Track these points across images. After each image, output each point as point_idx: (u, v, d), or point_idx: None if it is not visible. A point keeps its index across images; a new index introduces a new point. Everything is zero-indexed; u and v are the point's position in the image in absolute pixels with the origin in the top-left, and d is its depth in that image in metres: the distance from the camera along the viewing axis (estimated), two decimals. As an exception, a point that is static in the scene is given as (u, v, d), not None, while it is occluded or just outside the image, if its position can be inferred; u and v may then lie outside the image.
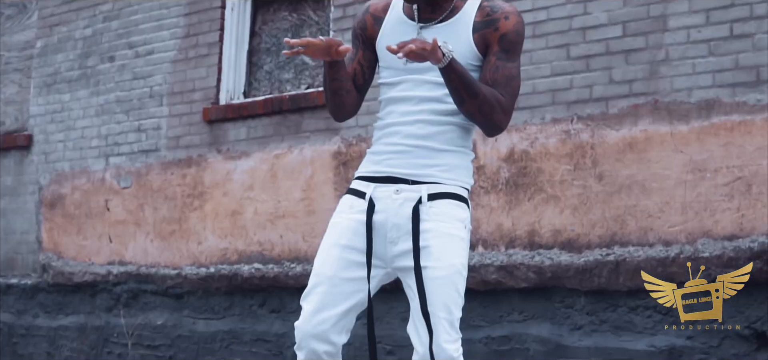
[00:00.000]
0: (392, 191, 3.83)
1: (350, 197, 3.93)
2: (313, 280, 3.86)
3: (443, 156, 3.85)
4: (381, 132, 3.94)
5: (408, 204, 3.81)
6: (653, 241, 6.12)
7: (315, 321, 3.80)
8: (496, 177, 6.75)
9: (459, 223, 3.85)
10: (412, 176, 3.83)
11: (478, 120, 3.82)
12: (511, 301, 6.70)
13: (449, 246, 3.80)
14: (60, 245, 9.62)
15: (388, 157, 3.88)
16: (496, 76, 3.82)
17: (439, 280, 3.75)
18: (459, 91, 3.73)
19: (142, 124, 9.07)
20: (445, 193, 3.83)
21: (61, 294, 9.62)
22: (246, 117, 8.24)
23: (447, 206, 3.83)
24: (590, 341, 6.34)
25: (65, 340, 9.46)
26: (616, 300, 6.30)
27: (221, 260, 8.23)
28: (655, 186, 6.14)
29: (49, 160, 9.86)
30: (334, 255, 3.85)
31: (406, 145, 3.85)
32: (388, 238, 3.83)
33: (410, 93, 3.87)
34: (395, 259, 3.84)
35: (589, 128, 6.43)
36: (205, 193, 8.44)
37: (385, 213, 3.82)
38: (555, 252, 6.46)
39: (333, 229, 3.91)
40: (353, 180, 3.98)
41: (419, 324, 3.77)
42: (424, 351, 3.76)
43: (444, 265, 3.76)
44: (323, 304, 3.81)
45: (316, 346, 3.80)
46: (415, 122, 3.85)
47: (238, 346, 8.05)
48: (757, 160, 5.83)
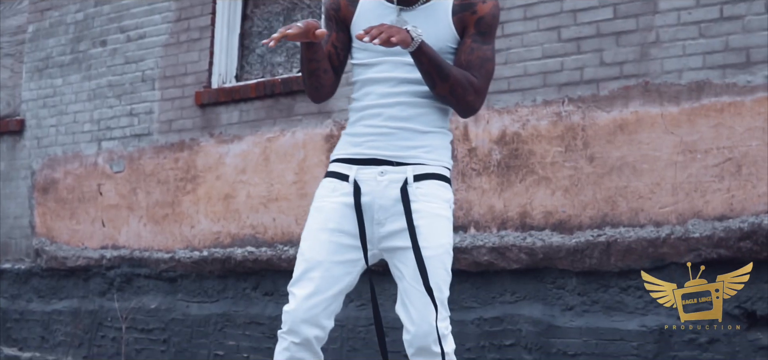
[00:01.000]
0: (376, 173, 3.85)
1: (332, 180, 3.93)
2: (303, 265, 3.86)
3: (426, 137, 3.88)
4: (359, 114, 3.94)
5: (394, 185, 3.83)
6: (644, 222, 6.15)
7: (307, 306, 3.81)
8: (487, 159, 6.77)
9: (445, 203, 3.88)
10: (397, 158, 3.85)
11: (450, 102, 3.86)
12: (503, 282, 6.73)
13: (437, 226, 3.83)
14: (53, 230, 9.63)
15: (369, 139, 3.89)
16: (471, 58, 3.87)
17: (430, 260, 3.77)
18: (431, 74, 3.77)
19: (134, 108, 9.08)
20: (429, 174, 3.86)
21: (54, 278, 9.63)
22: (238, 101, 8.25)
23: (432, 187, 3.86)
24: (582, 321, 6.38)
25: (59, 324, 9.48)
26: (608, 280, 6.33)
27: (214, 244, 8.25)
28: (645, 167, 6.17)
29: (42, 145, 9.86)
30: (323, 239, 3.86)
31: (389, 127, 3.87)
32: (375, 220, 3.85)
33: (389, 74, 3.88)
34: (382, 241, 3.86)
35: (580, 110, 6.46)
36: (197, 177, 8.45)
37: (371, 195, 3.84)
38: (546, 233, 6.48)
39: (318, 214, 3.91)
40: (331, 163, 3.98)
41: (409, 303, 3.80)
42: (415, 330, 3.78)
43: (434, 245, 3.79)
44: (316, 288, 3.82)
45: (307, 331, 3.81)
46: (395, 104, 3.86)
47: (232, 329, 8.07)
48: (747, 141, 5.86)
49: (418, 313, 3.77)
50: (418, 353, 3.80)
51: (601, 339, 6.29)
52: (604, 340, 6.27)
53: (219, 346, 8.19)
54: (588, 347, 6.33)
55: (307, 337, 3.81)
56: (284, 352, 3.85)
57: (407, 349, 3.83)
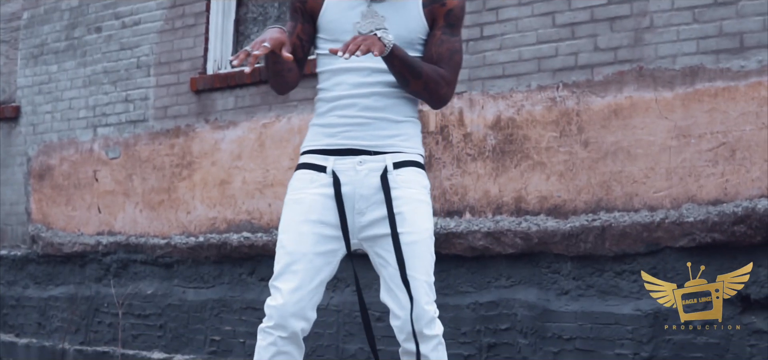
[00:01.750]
0: (355, 163, 3.87)
1: (308, 172, 3.94)
2: (286, 258, 3.86)
3: (400, 127, 3.93)
4: (331, 104, 3.94)
5: (373, 174, 3.86)
6: (638, 207, 6.17)
7: (294, 299, 3.82)
8: (482, 144, 6.79)
9: (424, 189, 3.95)
10: (375, 147, 3.89)
11: (424, 96, 3.93)
12: (499, 267, 6.75)
13: (420, 211, 3.89)
14: (49, 216, 9.64)
15: (345, 129, 3.90)
16: (441, 51, 3.93)
17: (415, 245, 3.84)
18: (403, 74, 3.82)
19: (129, 94, 9.09)
20: (407, 162, 3.92)
21: (50, 265, 9.65)
22: (233, 86, 8.26)
23: (411, 173, 3.92)
24: (577, 306, 6.41)
25: (55, 310, 9.50)
26: (602, 265, 6.36)
27: (210, 229, 8.27)
28: (640, 152, 6.19)
29: (37, 132, 9.87)
30: (305, 231, 3.87)
31: (365, 117, 3.89)
32: (356, 210, 3.88)
33: (360, 64, 3.88)
34: (364, 229, 3.89)
35: (574, 95, 6.48)
36: (193, 163, 8.47)
37: (351, 185, 3.86)
38: (541, 218, 6.51)
39: (297, 206, 3.91)
40: (303, 155, 4.00)
41: (397, 289, 3.83)
42: (406, 315, 3.81)
43: (418, 229, 3.85)
44: (301, 282, 3.83)
45: (295, 325, 3.83)
46: (370, 95, 3.89)
47: (228, 314, 8.10)
48: (741, 126, 5.89)
49: (407, 297, 3.81)
50: (409, 339, 3.83)
51: (595, 323, 6.32)
52: (599, 324, 6.30)
53: (215, 332, 8.22)
54: (583, 331, 6.36)
55: (295, 331, 3.83)
56: (270, 347, 3.85)
57: (398, 335, 3.86)
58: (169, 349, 8.53)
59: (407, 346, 3.86)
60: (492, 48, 6.87)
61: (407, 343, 3.85)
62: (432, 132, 7.01)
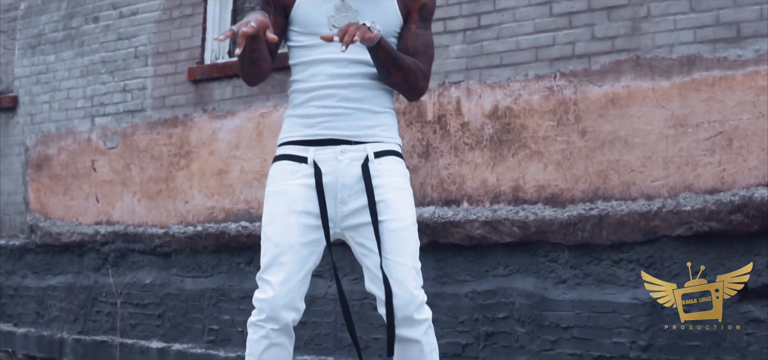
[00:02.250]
0: (337, 153, 3.90)
1: (289, 163, 3.96)
2: (274, 250, 3.88)
3: (379, 117, 3.97)
4: (308, 95, 3.96)
5: (355, 163, 3.89)
6: (636, 196, 6.19)
7: (284, 291, 3.85)
8: (480, 133, 6.80)
9: (405, 178, 4.00)
10: (355, 137, 3.92)
11: (402, 88, 3.98)
12: (496, 255, 6.77)
13: (403, 199, 3.94)
14: (47, 206, 9.65)
15: (325, 120, 3.93)
16: (417, 44, 3.99)
17: (401, 232, 3.89)
18: (387, 66, 3.87)
19: (127, 84, 9.09)
20: (388, 151, 3.97)
21: (49, 254, 9.66)
22: (231, 76, 8.27)
23: (392, 162, 3.96)
24: (574, 294, 6.43)
25: (54, 300, 9.51)
26: (600, 254, 6.38)
27: (208, 219, 8.28)
28: (637, 141, 6.21)
29: (35, 122, 9.87)
30: (292, 222, 3.89)
31: (345, 107, 3.92)
32: (339, 199, 3.90)
33: (336, 55, 3.91)
34: (346, 218, 3.92)
35: (571, 84, 6.49)
36: (191, 153, 8.47)
37: (333, 175, 3.89)
38: (539, 207, 6.52)
39: (281, 197, 3.93)
40: (281, 146, 4.02)
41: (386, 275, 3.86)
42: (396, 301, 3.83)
43: (402, 216, 3.90)
44: (290, 273, 3.86)
45: (286, 316, 3.86)
46: (349, 86, 3.92)
47: (226, 303, 8.11)
48: (738, 115, 5.90)
49: (397, 283, 3.84)
50: (402, 324, 3.85)
51: (593, 311, 6.34)
52: (597, 313, 6.32)
53: (214, 321, 8.23)
54: (580, 320, 6.38)
55: (287, 322, 3.86)
56: (263, 340, 3.87)
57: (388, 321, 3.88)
58: (168, 339, 8.54)
59: (403, 333, 3.87)
60: (489, 37, 6.88)
61: (400, 330, 3.87)
62: (429, 121, 7.02)
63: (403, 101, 7.12)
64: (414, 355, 3.90)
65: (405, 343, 3.89)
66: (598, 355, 6.30)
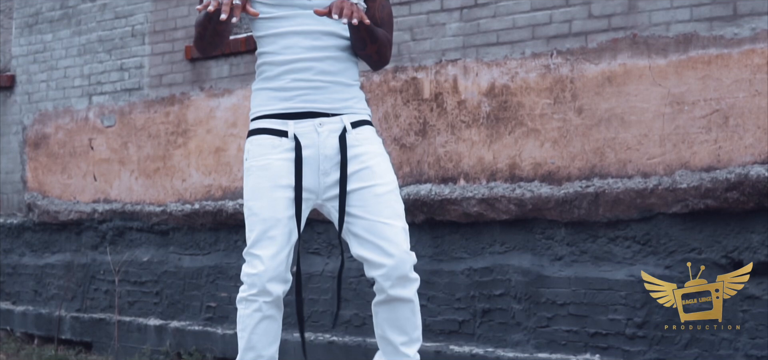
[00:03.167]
0: (315, 125, 3.95)
1: (269, 137, 3.99)
2: (262, 225, 3.92)
3: (352, 90, 4.07)
4: (283, 68, 3.99)
5: (333, 135, 3.97)
6: (632, 173, 6.21)
7: (274, 264, 3.90)
8: (477, 111, 6.82)
9: (382, 145, 4.10)
10: (333, 110, 3.99)
11: (373, 60, 4.09)
12: (493, 233, 6.79)
13: (384, 163, 4.05)
14: (45, 184, 9.66)
15: (303, 93, 3.97)
16: (383, 15, 4.09)
17: (388, 195, 3.99)
18: (365, 38, 3.96)
19: (124, 63, 9.10)
20: (363, 121, 4.06)
21: (46, 233, 9.68)
22: (228, 54, 8.27)
23: (369, 131, 4.07)
24: (570, 271, 6.45)
25: (52, 278, 9.54)
26: (596, 231, 6.40)
27: (206, 197, 8.30)
28: (633, 119, 6.22)
29: (33, 100, 9.88)
30: (278, 196, 3.93)
31: (322, 81, 3.97)
32: (321, 170, 3.95)
33: (309, 27, 3.97)
34: (329, 189, 3.97)
35: (568, 62, 6.50)
36: (188, 131, 8.49)
37: (313, 147, 3.94)
38: (535, 184, 6.54)
39: (265, 172, 3.96)
40: (258, 119, 4.04)
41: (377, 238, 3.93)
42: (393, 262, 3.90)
43: (387, 180, 4.01)
44: (280, 246, 3.91)
45: (276, 289, 3.91)
46: (325, 59, 3.97)
47: (224, 280, 8.14)
48: (734, 93, 5.91)
49: (391, 244, 3.91)
50: (397, 284, 3.92)
51: (589, 288, 6.36)
52: (593, 290, 6.35)
53: (211, 298, 8.26)
54: (576, 297, 6.40)
55: (278, 295, 3.91)
56: (256, 314, 3.93)
57: (383, 283, 3.94)
58: (165, 316, 8.57)
59: (395, 293, 3.93)
60: (486, 15, 6.88)
61: (395, 290, 3.93)
62: (426, 99, 7.04)
63: (400, 79, 7.13)
64: (406, 314, 4.00)
65: (398, 303, 3.97)
66: (594, 331, 6.33)
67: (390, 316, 3.99)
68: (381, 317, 4.03)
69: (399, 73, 7.17)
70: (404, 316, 3.99)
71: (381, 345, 4.09)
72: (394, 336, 4.03)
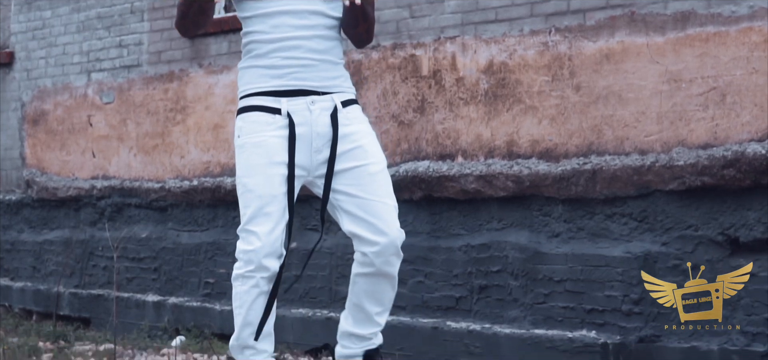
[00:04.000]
0: (307, 103, 3.98)
1: (263, 114, 4.02)
2: (258, 202, 3.95)
3: (339, 68, 4.12)
4: (273, 45, 4.03)
5: (325, 113, 4.01)
6: (629, 150, 6.22)
7: (271, 240, 3.93)
8: (475, 88, 6.83)
9: (370, 125, 4.18)
10: (323, 88, 4.04)
11: (361, 37, 4.18)
12: (490, 209, 6.81)
13: (375, 143, 4.12)
14: (43, 161, 9.68)
15: (294, 71, 4.01)
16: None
17: (381, 174, 4.07)
18: (358, 17, 4.02)
19: (123, 39, 9.10)
20: (351, 100, 4.13)
21: (45, 209, 9.70)
22: (227, 31, 8.28)
23: (357, 110, 4.14)
24: (567, 248, 6.47)
25: (50, 254, 9.56)
26: (593, 208, 6.41)
27: (204, 173, 8.31)
28: (631, 96, 6.23)
29: (31, 77, 9.89)
30: (273, 173, 3.96)
31: (312, 59, 4.01)
32: (314, 148, 3.99)
33: (296, 6, 4.01)
34: (321, 166, 4.01)
35: (566, 40, 6.51)
36: (187, 108, 8.50)
37: (306, 125, 3.98)
38: (533, 161, 6.55)
39: (260, 148, 3.99)
40: (250, 96, 4.06)
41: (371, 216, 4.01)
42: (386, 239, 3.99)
43: (379, 159, 4.08)
44: (276, 223, 3.95)
45: (272, 264, 3.94)
46: (313, 37, 4.01)
47: (222, 257, 8.16)
48: (732, 71, 5.92)
49: (385, 222, 4.00)
50: (387, 261, 4.03)
51: (586, 265, 6.38)
52: (590, 266, 6.37)
53: (209, 274, 8.28)
54: (573, 273, 6.42)
55: (274, 270, 3.95)
56: (253, 290, 3.96)
57: (374, 259, 4.01)
58: (164, 292, 8.59)
59: (386, 269, 4.01)
60: (485, -7, 6.90)
61: (385, 266, 3.99)
62: (424, 76, 7.05)
63: (398, 56, 7.14)
64: (386, 288, 4.13)
65: (383, 278, 4.09)
66: (591, 308, 6.35)
67: (371, 289, 4.09)
68: (361, 287, 4.11)
69: (397, 50, 7.18)
70: (384, 289, 4.11)
71: (353, 312, 4.18)
72: (370, 306, 4.14)
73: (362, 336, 4.19)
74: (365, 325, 4.17)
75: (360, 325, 4.17)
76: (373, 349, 4.22)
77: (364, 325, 4.17)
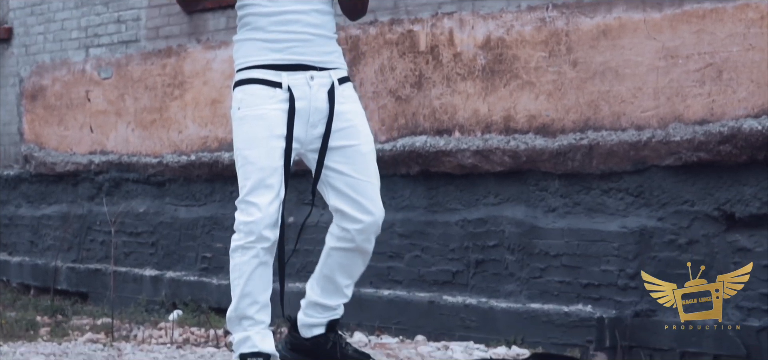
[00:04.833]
0: (307, 78, 4.00)
1: (264, 87, 4.02)
2: (260, 174, 3.96)
3: (333, 43, 4.12)
4: (272, 19, 4.02)
5: (323, 89, 4.02)
6: (626, 126, 6.23)
7: (272, 211, 3.95)
8: (472, 64, 6.84)
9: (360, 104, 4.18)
10: (321, 63, 4.04)
11: (357, 9, 4.16)
12: (487, 184, 6.82)
13: (366, 123, 4.14)
14: (42, 136, 9.69)
15: (293, 45, 4.02)
16: None
17: (370, 154, 4.10)
18: None
19: (121, 15, 9.11)
20: (346, 78, 4.14)
21: (43, 184, 9.72)
22: (225, 7, 8.28)
23: (351, 89, 4.15)
24: (564, 223, 6.49)
25: (48, 228, 9.58)
26: (589, 183, 6.43)
27: (202, 148, 8.33)
28: (628, 72, 6.24)
29: (30, 53, 9.89)
30: (274, 145, 3.97)
31: (310, 33, 4.03)
32: (310, 123, 4.01)
33: None
34: (315, 141, 4.04)
35: (564, 16, 6.51)
36: (185, 83, 8.51)
37: (305, 99, 4.00)
38: (530, 136, 6.57)
39: (262, 121, 3.99)
40: (249, 69, 4.07)
41: (358, 195, 4.04)
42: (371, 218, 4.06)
43: (368, 140, 4.10)
44: (276, 194, 3.96)
45: (271, 234, 3.96)
46: (311, 11, 4.02)
47: (219, 231, 8.17)
48: (728, 47, 5.93)
49: (371, 202, 4.05)
50: (369, 238, 4.10)
51: (582, 240, 6.40)
52: (586, 241, 6.39)
53: (207, 249, 8.30)
54: (570, 248, 6.44)
55: (273, 241, 3.97)
56: (253, 260, 3.97)
57: (356, 236, 4.07)
58: (161, 267, 8.62)
59: (365, 246, 4.11)
60: (483, -32, 6.90)
61: (365, 244, 4.10)
62: (422, 52, 7.06)
63: (396, 31, 7.15)
64: (359, 263, 4.19)
65: (359, 254, 4.15)
66: (587, 282, 6.37)
67: (346, 263, 4.16)
68: (335, 260, 4.17)
69: (395, 26, 7.19)
70: (357, 264, 4.17)
71: (322, 282, 4.22)
72: (341, 279, 4.20)
73: (328, 306, 4.25)
74: (333, 296, 4.24)
75: (328, 296, 4.24)
76: (335, 320, 4.28)
77: (332, 296, 4.24)
